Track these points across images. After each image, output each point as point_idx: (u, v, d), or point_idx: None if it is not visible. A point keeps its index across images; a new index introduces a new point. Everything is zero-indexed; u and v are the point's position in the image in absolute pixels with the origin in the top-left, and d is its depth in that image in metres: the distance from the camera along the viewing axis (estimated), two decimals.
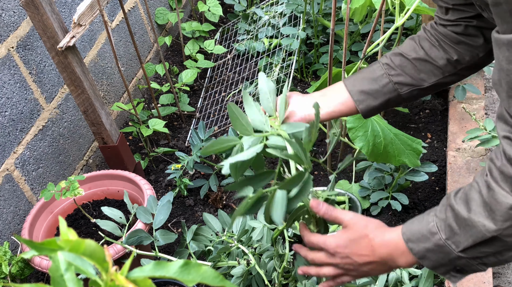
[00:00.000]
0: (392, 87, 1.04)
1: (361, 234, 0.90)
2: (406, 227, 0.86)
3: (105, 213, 1.42)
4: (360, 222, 0.91)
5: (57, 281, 0.45)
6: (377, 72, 1.05)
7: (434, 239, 0.81)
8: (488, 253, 0.79)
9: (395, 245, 0.87)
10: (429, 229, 0.82)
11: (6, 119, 1.54)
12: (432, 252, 0.82)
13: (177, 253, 1.48)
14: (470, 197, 0.79)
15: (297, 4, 2.10)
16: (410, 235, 0.85)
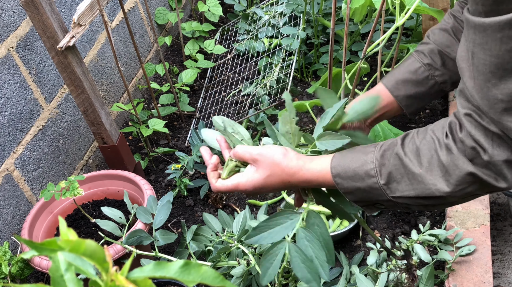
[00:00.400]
0: (438, 88, 1.03)
1: (275, 172, 0.90)
2: (337, 161, 0.87)
3: (105, 213, 1.42)
4: (273, 156, 0.91)
5: (57, 281, 0.45)
6: (421, 73, 1.03)
7: (369, 181, 0.83)
8: (421, 204, 0.82)
9: (319, 175, 0.88)
10: (366, 170, 0.83)
11: (6, 119, 1.54)
12: (362, 191, 0.85)
13: (177, 253, 1.48)
14: (422, 152, 0.79)
15: (297, 4, 2.10)
16: (341, 171, 0.86)
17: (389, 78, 1.05)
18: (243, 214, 1.48)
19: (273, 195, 1.84)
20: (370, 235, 1.67)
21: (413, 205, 0.83)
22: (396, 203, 0.83)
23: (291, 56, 2.17)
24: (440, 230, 1.53)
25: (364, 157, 0.84)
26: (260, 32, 2.38)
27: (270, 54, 2.27)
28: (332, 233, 1.61)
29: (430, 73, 1.02)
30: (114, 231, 1.38)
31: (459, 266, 1.47)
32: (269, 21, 2.39)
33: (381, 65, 1.73)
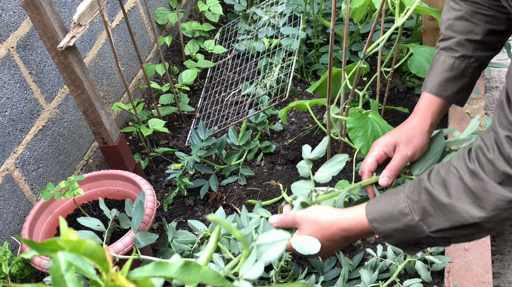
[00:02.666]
0: (477, 71, 1.05)
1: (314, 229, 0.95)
2: (372, 207, 0.88)
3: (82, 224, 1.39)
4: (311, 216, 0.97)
5: (57, 281, 0.45)
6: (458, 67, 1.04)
7: (404, 220, 0.83)
8: (460, 234, 0.82)
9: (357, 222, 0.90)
10: (399, 210, 0.84)
11: (6, 119, 1.54)
12: (400, 232, 0.85)
13: (160, 252, 1.48)
14: (449, 182, 0.80)
15: (297, 4, 2.10)
16: (376, 216, 0.87)
17: (431, 84, 1.07)
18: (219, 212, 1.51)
19: (272, 195, 1.84)
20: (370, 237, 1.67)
21: (453, 237, 0.83)
22: (435, 238, 0.83)
23: (291, 56, 2.17)
24: None
25: (395, 198, 0.85)
26: (260, 32, 2.38)
27: (270, 54, 2.27)
28: None
29: (466, 62, 1.04)
30: (93, 239, 1.36)
31: (459, 266, 1.48)
32: (269, 21, 2.39)
33: (381, 65, 1.73)
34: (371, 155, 1.07)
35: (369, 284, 1.45)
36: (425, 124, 1.06)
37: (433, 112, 1.07)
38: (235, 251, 1.44)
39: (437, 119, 1.08)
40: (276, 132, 2.08)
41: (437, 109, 1.07)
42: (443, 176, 0.81)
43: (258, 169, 1.94)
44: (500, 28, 1.02)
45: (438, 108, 1.07)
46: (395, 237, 0.86)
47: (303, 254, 0.95)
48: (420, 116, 1.07)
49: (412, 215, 0.83)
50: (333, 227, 0.93)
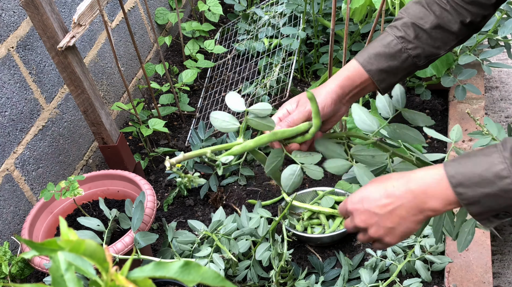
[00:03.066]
0: (411, 61, 1.00)
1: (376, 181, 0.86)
2: (454, 169, 0.78)
3: (82, 224, 1.40)
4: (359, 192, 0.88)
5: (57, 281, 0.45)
6: (394, 47, 1.00)
7: (501, 184, 0.74)
8: None
9: (434, 184, 0.79)
10: (496, 172, 0.75)
11: (6, 119, 1.54)
12: (492, 197, 0.76)
13: (160, 252, 1.48)
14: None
15: (297, 4, 2.10)
16: (462, 179, 0.77)
17: (362, 53, 1.02)
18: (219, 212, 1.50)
19: (272, 195, 1.84)
20: None
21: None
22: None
23: (291, 56, 2.17)
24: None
25: (488, 159, 0.76)
26: (260, 32, 2.38)
27: (270, 54, 2.27)
28: (332, 233, 1.61)
29: (403, 45, 0.99)
30: (93, 239, 1.36)
31: (459, 266, 1.48)
32: (269, 21, 2.39)
33: None
34: (275, 115, 1.03)
35: (369, 284, 1.45)
36: (332, 84, 1.01)
37: (346, 77, 1.01)
38: (235, 251, 1.44)
39: (349, 87, 1.02)
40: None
41: (353, 77, 1.01)
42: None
43: (258, 169, 1.94)
44: (451, 28, 0.99)
45: (354, 76, 1.01)
46: (483, 203, 0.76)
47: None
48: (333, 78, 1.03)
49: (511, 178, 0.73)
50: (399, 180, 0.82)
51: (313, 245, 1.67)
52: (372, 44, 1.02)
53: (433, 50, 1.00)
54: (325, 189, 1.74)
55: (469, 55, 1.78)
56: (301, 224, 1.66)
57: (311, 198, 1.74)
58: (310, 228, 1.66)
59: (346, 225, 0.95)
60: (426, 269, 1.49)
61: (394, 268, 1.49)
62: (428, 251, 1.51)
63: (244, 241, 1.49)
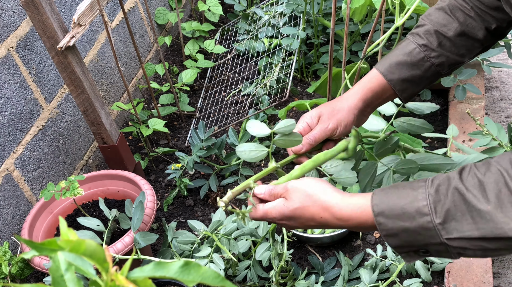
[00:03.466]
0: (434, 70, 0.97)
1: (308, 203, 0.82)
2: (379, 199, 0.76)
3: (82, 224, 1.39)
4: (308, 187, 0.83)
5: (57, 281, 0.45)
6: (416, 55, 0.96)
7: (421, 220, 0.72)
8: (483, 248, 0.71)
9: (358, 215, 0.78)
10: (417, 208, 0.72)
11: (6, 119, 1.54)
12: (410, 233, 0.73)
13: (160, 253, 1.48)
14: (488, 186, 0.69)
15: (297, 4, 2.10)
16: (385, 209, 0.74)
17: (383, 62, 0.99)
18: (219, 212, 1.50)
19: None
20: (370, 237, 1.67)
21: (471, 248, 0.71)
22: (449, 246, 0.72)
23: (291, 56, 2.17)
24: None
25: (413, 193, 0.73)
26: (260, 32, 2.38)
27: (270, 54, 2.27)
28: (332, 233, 1.61)
29: (425, 54, 0.96)
30: (93, 239, 1.36)
31: (459, 266, 1.47)
32: (269, 21, 2.39)
33: None
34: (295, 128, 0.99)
35: (369, 284, 1.45)
36: (354, 98, 0.98)
37: (369, 89, 0.98)
38: (235, 251, 1.44)
39: (372, 99, 0.99)
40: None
41: (375, 89, 0.98)
42: (481, 178, 0.70)
43: (258, 169, 1.94)
44: (475, 35, 0.95)
45: (377, 88, 0.98)
46: (401, 237, 0.74)
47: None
48: (354, 90, 0.99)
49: (432, 216, 0.71)
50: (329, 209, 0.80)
51: (313, 245, 1.67)
52: (393, 53, 0.99)
53: (457, 58, 0.97)
54: None
55: None
56: None
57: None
58: None
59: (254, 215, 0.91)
60: (426, 269, 1.49)
61: (394, 268, 1.49)
62: None
63: (244, 241, 1.49)
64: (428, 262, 1.51)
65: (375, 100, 1.00)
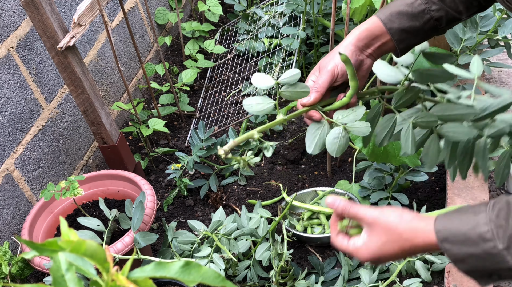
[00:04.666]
0: (432, 24, 0.98)
1: (392, 238, 0.81)
2: (442, 224, 0.76)
3: (82, 224, 1.39)
4: (388, 221, 0.82)
5: (58, 281, 0.45)
6: (417, 7, 0.96)
7: (485, 246, 0.71)
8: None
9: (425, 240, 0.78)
10: (479, 234, 0.72)
11: (6, 119, 1.54)
12: (476, 258, 0.73)
13: (160, 252, 1.48)
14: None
15: (297, 4, 2.10)
16: (448, 235, 0.75)
17: (384, 10, 0.98)
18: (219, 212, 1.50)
19: (272, 195, 1.84)
20: None
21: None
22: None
23: (291, 56, 2.17)
24: None
25: (474, 218, 0.73)
26: (260, 32, 2.38)
27: (270, 54, 2.27)
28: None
29: (426, 6, 0.96)
30: (93, 239, 1.36)
31: None
32: (269, 21, 2.39)
33: None
34: None
35: (369, 284, 1.45)
36: (349, 37, 0.98)
37: (365, 29, 0.97)
38: (235, 251, 1.44)
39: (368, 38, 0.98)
40: (276, 132, 2.08)
41: (372, 29, 0.97)
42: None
43: (258, 169, 1.94)
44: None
45: (374, 29, 0.97)
46: (469, 263, 0.74)
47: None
48: (351, 32, 0.98)
49: (495, 242, 0.70)
50: (414, 240, 0.79)
51: (313, 245, 1.67)
52: (394, 2, 0.99)
53: (455, 15, 0.98)
54: (325, 189, 1.74)
55: (469, 55, 1.78)
56: (301, 224, 1.66)
57: (311, 198, 1.75)
58: (310, 228, 1.66)
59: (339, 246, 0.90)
60: (426, 269, 1.49)
61: (394, 268, 1.49)
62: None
63: (244, 241, 1.49)
64: (428, 262, 1.51)
65: (372, 39, 0.98)
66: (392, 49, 1.00)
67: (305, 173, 1.90)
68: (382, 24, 0.97)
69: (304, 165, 1.94)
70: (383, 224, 0.82)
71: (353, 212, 0.86)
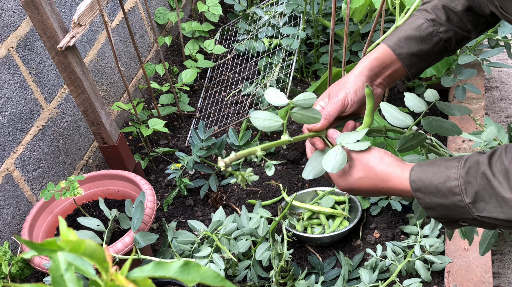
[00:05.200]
0: (442, 45, 0.98)
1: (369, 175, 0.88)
2: (417, 175, 0.82)
3: (82, 224, 1.39)
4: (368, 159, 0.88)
5: (57, 281, 0.45)
6: (425, 30, 0.97)
7: (453, 199, 0.78)
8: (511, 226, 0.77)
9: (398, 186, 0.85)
10: (449, 187, 0.78)
11: (6, 119, 1.54)
12: (445, 208, 0.80)
13: (160, 252, 1.48)
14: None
15: (297, 4, 2.10)
16: (421, 186, 0.81)
17: (391, 37, 0.99)
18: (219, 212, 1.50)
19: (272, 195, 1.84)
20: (370, 237, 1.67)
21: (501, 226, 0.79)
22: (482, 221, 0.79)
23: (291, 56, 2.17)
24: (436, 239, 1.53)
25: (446, 172, 0.79)
26: (260, 32, 2.38)
27: (270, 54, 2.27)
28: (332, 233, 1.61)
29: (434, 29, 0.96)
30: (93, 239, 1.36)
31: (459, 266, 1.48)
32: (269, 21, 2.39)
33: None
34: None
35: (369, 284, 1.45)
36: (360, 66, 0.98)
37: (375, 58, 0.98)
38: (235, 251, 1.44)
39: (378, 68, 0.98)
40: (276, 132, 2.08)
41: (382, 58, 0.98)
42: (507, 165, 0.74)
43: (258, 169, 1.94)
44: (482, 11, 0.96)
45: (384, 57, 0.98)
46: (438, 211, 0.81)
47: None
48: (361, 61, 0.99)
49: (462, 196, 0.77)
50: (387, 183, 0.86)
51: (313, 245, 1.67)
52: (401, 28, 0.99)
53: (464, 34, 0.98)
54: (325, 189, 1.74)
55: (469, 55, 1.78)
56: (301, 224, 1.66)
57: (311, 198, 1.75)
58: (310, 228, 1.66)
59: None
60: (426, 269, 1.49)
61: (394, 268, 1.49)
62: (428, 251, 1.51)
63: (244, 241, 1.49)
64: (428, 262, 1.51)
65: (383, 69, 0.99)
66: (404, 75, 1.01)
67: None
68: (391, 50, 0.98)
69: (304, 165, 1.94)
70: (364, 161, 0.89)
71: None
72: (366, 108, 0.95)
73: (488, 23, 0.99)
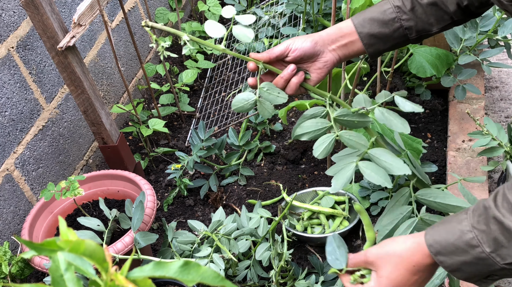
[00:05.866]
0: (402, 32, 1.02)
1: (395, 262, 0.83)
2: (432, 238, 0.80)
3: (82, 224, 1.39)
4: (386, 249, 0.84)
5: (57, 281, 0.45)
6: (389, 15, 1.01)
7: (474, 252, 0.76)
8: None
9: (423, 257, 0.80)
10: (466, 241, 0.76)
11: (6, 119, 1.54)
12: (470, 265, 0.77)
13: (160, 252, 1.48)
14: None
15: (297, 4, 2.10)
16: (440, 248, 0.78)
17: (359, 15, 1.04)
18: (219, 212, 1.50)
19: (272, 195, 1.84)
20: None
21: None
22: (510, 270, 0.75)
23: None
24: None
25: (459, 227, 0.77)
26: (260, 32, 2.38)
27: None
28: (332, 233, 1.61)
29: (397, 15, 1.00)
30: (93, 239, 1.36)
31: None
32: (269, 21, 2.39)
33: (381, 65, 1.73)
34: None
35: None
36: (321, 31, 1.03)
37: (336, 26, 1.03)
38: (235, 251, 1.44)
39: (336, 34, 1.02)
40: (276, 132, 2.08)
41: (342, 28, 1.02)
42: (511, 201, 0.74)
43: (258, 169, 1.94)
44: (447, 7, 0.99)
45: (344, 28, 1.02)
46: (464, 270, 0.78)
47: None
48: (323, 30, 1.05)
49: (482, 247, 0.75)
50: (413, 257, 0.81)
51: (313, 245, 1.67)
52: (370, 9, 1.04)
53: (425, 26, 1.02)
54: (325, 189, 1.74)
55: (469, 55, 1.78)
56: (301, 224, 1.66)
57: (311, 198, 1.75)
58: (310, 228, 1.66)
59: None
60: None
61: None
62: None
63: (244, 241, 1.49)
64: None
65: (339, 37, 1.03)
66: (361, 51, 1.04)
67: (305, 173, 1.90)
68: (354, 27, 1.02)
69: (304, 165, 1.94)
70: (383, 254, 0.84)
71: (355, 261, 0.89)
72: (364, 223, 1.00)
73: (452, 20, 1.02)
